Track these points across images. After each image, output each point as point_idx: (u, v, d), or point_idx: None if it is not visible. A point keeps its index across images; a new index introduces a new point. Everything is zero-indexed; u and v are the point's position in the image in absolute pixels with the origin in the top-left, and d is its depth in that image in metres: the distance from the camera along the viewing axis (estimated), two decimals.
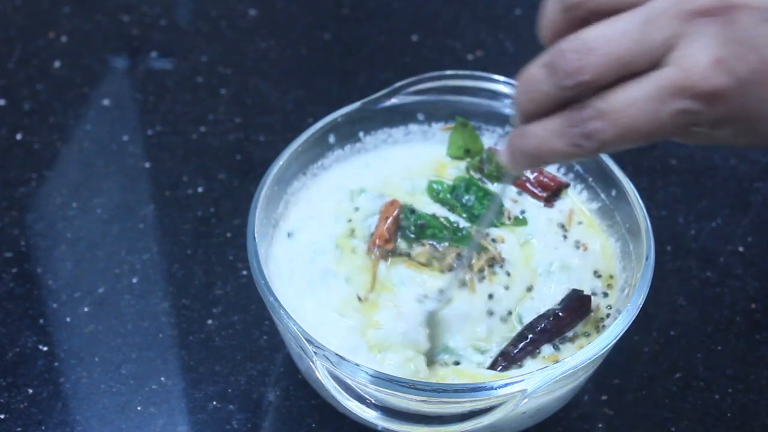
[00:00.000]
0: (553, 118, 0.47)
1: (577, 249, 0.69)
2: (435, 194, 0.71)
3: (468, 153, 0.74)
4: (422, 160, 0.75)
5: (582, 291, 0.65)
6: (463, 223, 0.68)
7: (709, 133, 0.47)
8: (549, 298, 0.65)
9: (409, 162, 0.74)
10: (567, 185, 0.72)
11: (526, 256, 0.68)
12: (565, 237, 0.69)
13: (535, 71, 0.47)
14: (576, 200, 0.72)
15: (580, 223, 0.71)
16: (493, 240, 0.68)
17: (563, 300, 0.64)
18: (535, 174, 0.72)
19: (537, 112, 0.47)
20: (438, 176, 0.73)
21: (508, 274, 0.66)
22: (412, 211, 0.68)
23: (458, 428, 0.57)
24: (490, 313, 0.64)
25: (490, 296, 0.64)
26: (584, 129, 0.46)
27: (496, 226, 0.69)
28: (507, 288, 0.65)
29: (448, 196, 0.70)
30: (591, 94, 0.45)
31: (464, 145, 0.74)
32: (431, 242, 0.66)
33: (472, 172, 0.73)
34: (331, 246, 0.67)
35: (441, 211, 0.69)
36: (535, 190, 0.72)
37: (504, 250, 0.67)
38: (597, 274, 0.67)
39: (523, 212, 0.70)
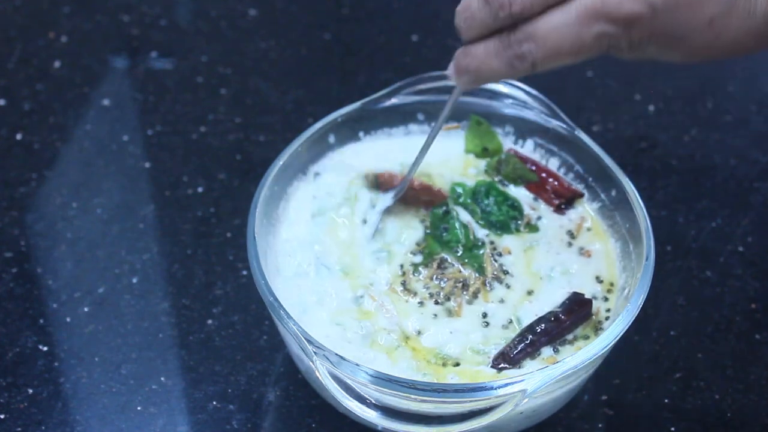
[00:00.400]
0: (491, 40, 0.52)
1: (581, 255, 0.69)
2: (456, 198, 0.71)
3: (486, 152, 0.74)
4: (447, 156, 0.75)
5: (583, 294, 0.65)
6: (480, 233, 0.69)
7: (634, 52, 0.51)
8: (549, 301, 0.65)
9: (437, 156, 0.74)
10: (581, 195, 0.72)
11: (528, 260, 0.68)
12: (570, 244, 0.69)
13: (473, 1, 0.52)
14: (589, 209, 0.72)
15: (588, 229, 0.71)
16: (500, 254, 0.68)
17: (564, 303, 0.64)
18: (552, 180, 0.72)
19: (477, 35, 0.53)
20: (463, 174, 0.73)
21: (508, 287, 0.66)
22: (447, 212, 0.69)
23: (458, 428, 0.57)
24: (486, 325, 0.64)
25: (484, 315, 0.65)
26: (517, 51, 0.51)
27: (510, 233, 0.69)
28: (502, 301, 0.65)
29: (468, 200, 0.71)
30: (524, 20, 0.51)
31: (481, 143, 0.74)
32: (440, 261, 0.67)
33: (490, 172, 0.73)
34: (344, 190, 0.71)
35: (463, 215, 0.70)
36: (548, 196, 0.72)
37: (508, 262, 0.67)
38: (599, 280, 0.67)
39: (539, 218, 0.71)
